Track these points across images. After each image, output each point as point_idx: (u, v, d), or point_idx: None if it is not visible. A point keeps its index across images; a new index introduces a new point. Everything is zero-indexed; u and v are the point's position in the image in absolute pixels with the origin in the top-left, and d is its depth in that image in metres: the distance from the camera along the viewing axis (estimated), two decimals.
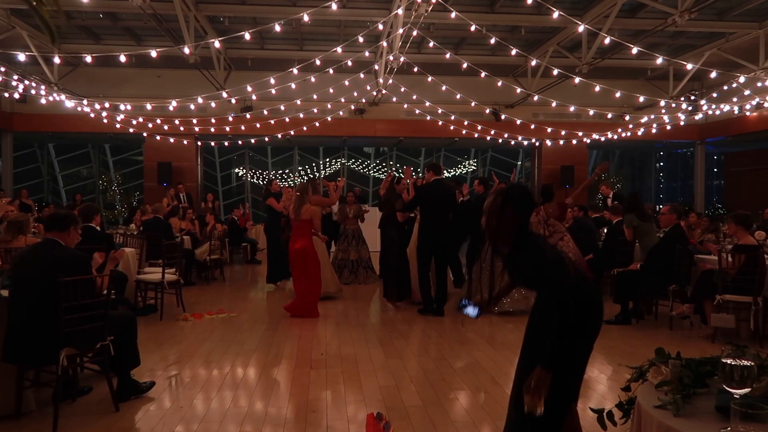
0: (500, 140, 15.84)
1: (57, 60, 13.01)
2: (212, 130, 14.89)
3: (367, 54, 11.27)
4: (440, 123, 14.81)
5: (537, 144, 16.81)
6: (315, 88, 13.05)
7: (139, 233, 9.09)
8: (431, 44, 10.53)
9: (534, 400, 2.36)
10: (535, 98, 13.79)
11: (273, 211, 9.28)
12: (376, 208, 12.77)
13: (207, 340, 5.99)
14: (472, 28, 9.19)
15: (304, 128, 14.98)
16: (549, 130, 15.57)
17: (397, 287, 7.68)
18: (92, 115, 13.83)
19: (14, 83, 11.90)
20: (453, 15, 9.03)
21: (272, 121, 14.60)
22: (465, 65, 11.28)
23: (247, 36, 9.15)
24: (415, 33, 9.70)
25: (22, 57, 10.84)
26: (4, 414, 3.77)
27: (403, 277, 7.70)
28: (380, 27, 10.71)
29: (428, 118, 14.64)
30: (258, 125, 14.62)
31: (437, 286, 7.28)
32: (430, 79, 12.32)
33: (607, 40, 9.93)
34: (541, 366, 2.38)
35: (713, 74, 11.55)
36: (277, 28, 8.86)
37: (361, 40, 9.77)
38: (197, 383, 4.60)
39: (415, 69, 11.83)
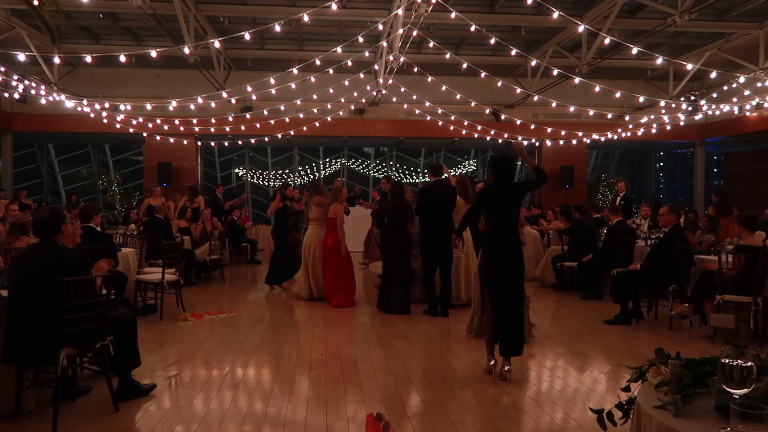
0: (500, 140, 15.84)
1: (57, 60, 13.01)
2: (212, 130, 14.89)
3: (367, 54, 11.26)
4: (440, 123, 14.81)
5: (537, 144, 16.81)
6: (315, 88, 13.05)
7: (139, 233, 9.09)
8: (431, 44, 10.53)
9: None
10: (535, 98, 13.78)
11: (280, 214, 9.33)
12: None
13: (207, 340, 6.00)
14: (472, 28, 9.18)
15: (304, 128, 14.98)
16: (549, 130, 15.57)
17: (406, 297, 7.47)
18: (92, 115, 13.83)
19: (14, 83, 11.90)
20: (453, 15, 9.03)
21: (272, 121, 14.60)
22: (465, 65, 11.27)
23: (247, 36, 9.14)
24: (415, 33, 9.70)
25: (22, 57, 10.84)
26: (4, 414, 3.77)
27: (407, 287, 7.55)
28: (380, 27, 10.71)
29: (428, 118, 14.63)
30: (258, 125, 14.61)
31: (442, 287, 7.25)
32: (430, 79, 12.32)
33: (607, 41, 9.93)
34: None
35: (713, 74, 11.54)
36: (277, 28, 8.86)
37: (361, 40, 9.77)
38: (197, 383, 4.60)
39: (415, 69, 11.83)
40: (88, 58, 10.45)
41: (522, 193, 4.92)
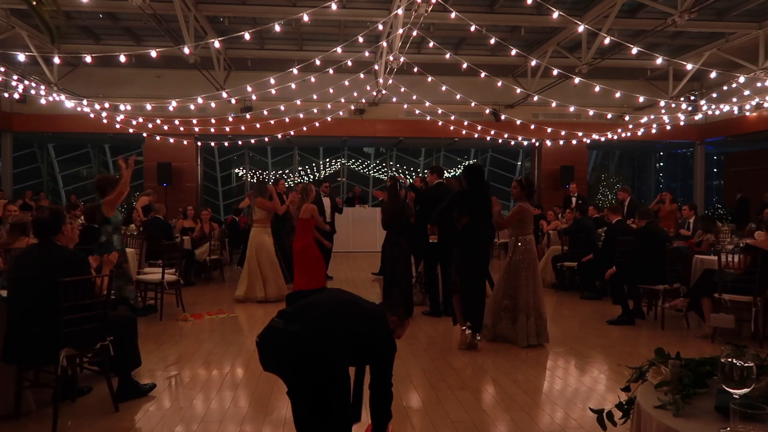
0: (500, 140, 15.84)
1: (57, 60, 13.01)
2: (212, 130, 14.88)
3: (367, 54, 11.26)
4: (440, 123, 14.80)
5: (537, 144, 16.81)
6: (315, 88, 13.05)
7: (139, 233, 9.08)
8: (431, 44, 10.52)
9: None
10: (535, 98, 13.78)
11: (278, 216, 9.13)
12: (373, 208, 12.80)
13: (207, 340, 6.00)
14: (472, 28, 9.18)
15: (304, 128, 14.98)
16: (549, 130, 15.57)
17: (406, 302, 7.27)
18: (92, 115, 13.83)
19: (14, 83, 11.89)
20: (453, 15, 9.02)
21: (272, 122, 14.59)
22: (465, 65, 11.27)
23: (247, 36, 9.14)
24: (415, 33, 9.69)
25: (21, 57, 10.85)
26: (4, 414, 3.77)
27: (407, 291, 7.35)
28: (380, 27, 10.70)
29: (428, 118, 14.63)
30: (258, 125, 14.61)
31: (445, 288, 7.25)
32: (430, 79, 12.32)
33: (606, 40, 9.93)
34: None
35: (713, 74, 11.54)
36: (277, 28, 8.86)
37: (361, 40, 9.77)
38: (197, 383, 4.60)
39: (415, 69, 11.83)
40: (88, 58, 10.45)
41: (488, 203, 5.73)
